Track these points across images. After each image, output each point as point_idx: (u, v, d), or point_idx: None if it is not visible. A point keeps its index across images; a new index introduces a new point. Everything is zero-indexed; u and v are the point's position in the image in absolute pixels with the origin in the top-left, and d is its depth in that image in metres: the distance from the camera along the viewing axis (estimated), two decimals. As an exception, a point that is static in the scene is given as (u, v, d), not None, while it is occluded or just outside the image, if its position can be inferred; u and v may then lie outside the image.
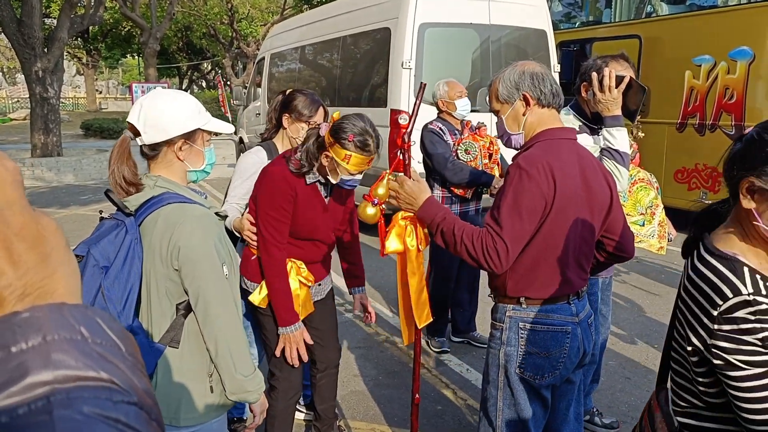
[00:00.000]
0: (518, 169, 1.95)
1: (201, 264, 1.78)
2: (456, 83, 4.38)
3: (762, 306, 1.28)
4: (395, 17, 7.16)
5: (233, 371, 1.84)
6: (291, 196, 2.50)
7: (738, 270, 1.32)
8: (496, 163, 4.44)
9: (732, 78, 7.42)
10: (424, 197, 2.13)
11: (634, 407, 3.67)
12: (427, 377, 4.03)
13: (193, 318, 1.83)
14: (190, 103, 1.86)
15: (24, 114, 30.57)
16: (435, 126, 4.32)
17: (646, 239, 3.30)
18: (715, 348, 1.32)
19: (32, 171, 13.49)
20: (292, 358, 2.63)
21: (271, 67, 11.35)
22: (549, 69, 2.14)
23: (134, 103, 1.87)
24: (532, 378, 2.06)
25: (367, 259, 6.74)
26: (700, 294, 1.37)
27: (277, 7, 29.45)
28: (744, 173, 1.32)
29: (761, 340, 1.27)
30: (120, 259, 1.70)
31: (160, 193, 1.82)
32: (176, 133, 1.82)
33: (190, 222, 1.77)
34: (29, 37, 13.11)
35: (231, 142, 15.63)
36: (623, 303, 5.50)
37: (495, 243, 1.91)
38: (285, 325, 2.58)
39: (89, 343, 0.46)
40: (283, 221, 2.52)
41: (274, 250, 2.53)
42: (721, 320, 1.31)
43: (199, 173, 1.96)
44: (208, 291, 1.79)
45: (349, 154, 2.38)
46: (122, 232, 1.73)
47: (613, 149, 2.62)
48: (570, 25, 10.84)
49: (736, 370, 1.30)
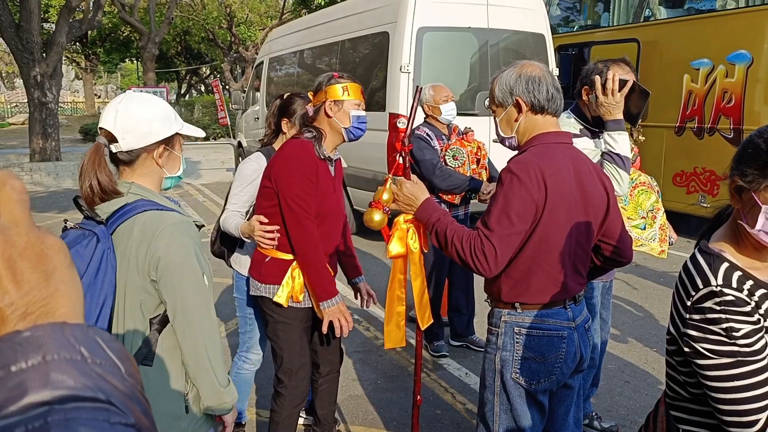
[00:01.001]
0: (509, 174, 1.95)
1: (182, 274, 1.70)
2: (442, 87, 4.34)
3: (727, 297, 1.33)
4: (393, 21, 7.16)
5: (215, 382, 1.77)
6: (314, 167, 2.50)
7: (715, 263, 1.38)
8: (484, 168, 4.42)
9: (730, 81, 7.42)
10: (422, 198, 2.13)
11: (633, 411, 3.66)
12: (426, 381, 4.02)
13: (166, 334, 1.75)
14: (166, 108, 1.81)
15: (23, 119, 30.59)
16: (422, 131, 4.29)
17: (647, 243, 3.29)
18: (686, 336, 1.39)
19: (31, 176, 13.49)
20: (343, 330, 2.57)
21: (270, 71, 11.35)
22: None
23: (106, 108, 1.79)
24: (527, 383, 2.05)
25: (366, 262, 6.76)
26: (681, 285, 1.45)
27: (276, 12, 29.52)
28: (732, 173, 1.38)
29: (725, 330, 1.32)
30: (92, 270, 1.61)
31: (134, 200, 1.74)
32: (156, 138, 1.75)
33: (169, 230, 1.69)
34: (28, 41, 13.11)
35: (230, 147, 15.64)
36: (623, 307, 5.49)
37: (483, 246, 1.91)
38: (327, 298, 2.53)
39: (89, 363, 0.46)
40: (310, 193, 2.49)
41: (308, 222, 2.48)
42: (692, 310, 1.38)
43: (174, 179, 1.89)
44: (189, 301, 1.71)
45: (344, 85, 2.49)
46: (92, 241, 1.64)
47: (614, 153, 2.62)
48: (568, 29, 10.85)
49: (703, 358, 1.35)
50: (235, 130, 14.03)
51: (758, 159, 1.31)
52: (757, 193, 1.31)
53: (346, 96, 2.47)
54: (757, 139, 1.34)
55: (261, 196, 2.61)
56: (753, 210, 1.33)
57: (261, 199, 2.61)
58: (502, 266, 1.95)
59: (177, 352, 1.76)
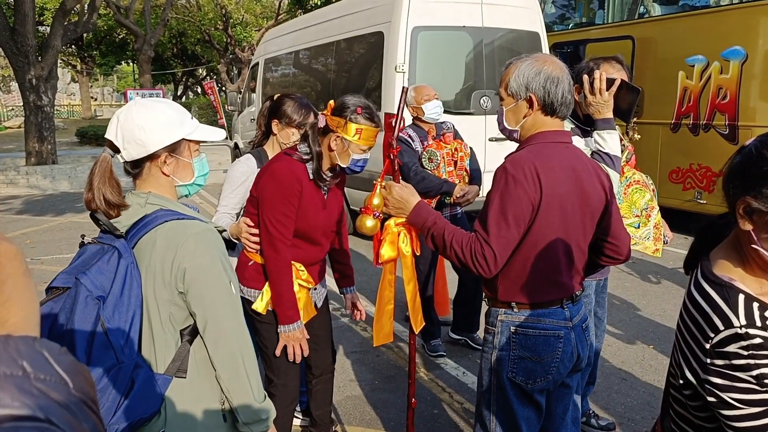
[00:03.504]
0: (504, 172, 1.94)
1: (210, 284, 1.64)
2: (423, 87, 4.31)
3: (755, 340, 1.17)
4: (388, 21, 7.16)
5: (251, 396, 1.70)
6: (297, 191, 2.47)
7: (731, 299, 1.22)
8: (464, 170, 4.40)
9: (725, 78, 7.43)
10: (413, 201, 2.12)
11: (630, 408, 3.66)
12: (423, 381, 4.02)
13: (197, 345, 1.69)
14: (170, 112, 1.69)
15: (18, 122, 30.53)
16: (404, 134, 4.27)
17: (641, 241, 3.29)
18: (708, 384, 1.23)
19: (27, 179, 13.46)
20: (294, 355, 2.60)
21: (266, 72, 11.35)
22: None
23: (112, 117, 1.71)
24: (524, 383, 2.05)
25: (364, 263, 6.75)
26: (694, 324, 1.28)
27: (272, 12, 29.48)
28: (741, 192, 1.21)
29: (755, 377, 1.17)
30: (117, 286, 1.55)
31: (153, 210, 1.66)
32: (157, 146, 1.65)
33: (193, 240, 1.62)
34: (22, 45, 13.07)
35: (226, 148, 15.62)
36: (619, 304, 5.49)
37: (483, 250, 1.90)
38: (287, 322, 2.54)
39: (30, 379, 0.44)
40: (290, 216, 2.48)
41: (281, 245, 2.48)
42: (714, 354, 1.22)
43: (191, 187, 1.79)
44: (219, 311, 1.65)
45: (360, 127, 2.38)
46: (114, 257, 1.58)
47: (603, 152, 2.62)
48: (563, 26, 10.86)
49: (731, 409, 1.20)
50: (232, 132, 14.01)
51: None
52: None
53: (356, 139, 2.40)
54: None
55: (249, 203, 2.62)
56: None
57: (249, 205, 2.62)
58: (501, 266, 1.95)
59: (208, 362, 1.71)
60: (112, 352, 1.52)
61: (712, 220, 1.44)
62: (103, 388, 1.50)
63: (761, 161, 1.18)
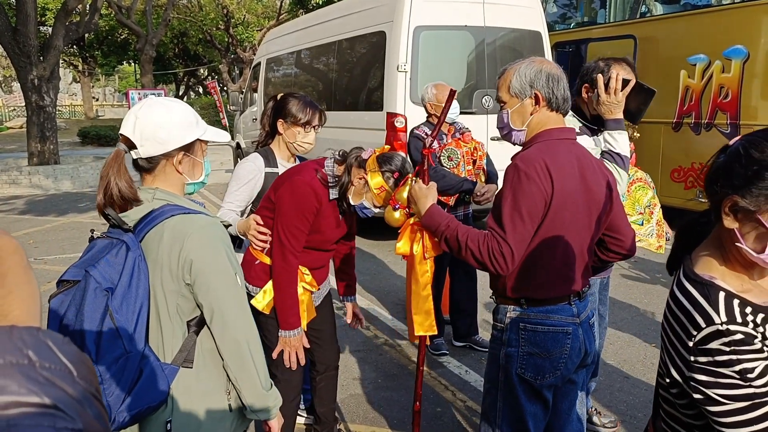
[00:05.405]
0: (516, 170, 1.95)
1: (215, 275, 1.69)
2: (444, 85, 4.28)
3: (737, 336, 1.19)
4: (390, 21, 7.17)
5: (258, 384, 1.76)
6: (315, 208, 2.53)
7: (712, 296, 1.24)
8: (481, 169, 4.41)
9: (727, 77, 7.44)
10: (427, 203, 2.13)
11: (632, 406, 3.67)
12: (426, 379, 4.03)
13: (204, 335, 1.74)
14: (187, 113, 1.77)
15: (21, 122, 30.56)
16: (421, 131, 4.28)
17: (644, 238, 3.30)
18: (693, 381, 1.25)
19: (29, 179, 13.49)
20: (291, 362, 2.64)
21: (268, 71, 11.36)
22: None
23: (127, 114, 1.76)
24: (533, 378, 2.06)
25: (367, 262, 6.77)
26: (677, 323, 1.30)
27: (273, 12, 29.48)
28: (727, 191, 1.23)
29: (739, 372, 1.18)
30: (125, 279, 1.59)
31: (161, 205, 1.72)
32: (175, 145, 1.73)
33: (198, 233, 1.68)
34: (24, 45, 13.09)
35: (228, 148, 15.64)
36: (621, 302, 5.50)
37: (501, 247, 1.92)
38: (288, 329, 2.59)
39: (36, 367, 0.45)
40: (303, 231, 2.54)
41: (292, 257, 2.54)
42: (697, 352, 1.24)
43: (197, 185, 1.88)
44: (225, 302, 1.70)
45: (385, 187, 2.46)
46: (122, 250, 1.63)
47: (614, 152, 2.62)
48: (565, 26, 10.86)
49: (717, 405, 1.22)
50: (234, 132, 14.03)
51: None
52: (765, 216, 1.19)
53: (375, 192, 2.47)
54: (757, 154, 1.20)
55: (265, 207, 2.64)
56: (758, 233, 1.21)
57: (264, 209, 2.64)
58: (518, 262, 1.96)
59: (217, 353, 1.75)
60: (121, 342, 1.56)
61: (692, 218, 1.46)
62: (112, 377, 1.54)
63: (749, 161, 1.20)
